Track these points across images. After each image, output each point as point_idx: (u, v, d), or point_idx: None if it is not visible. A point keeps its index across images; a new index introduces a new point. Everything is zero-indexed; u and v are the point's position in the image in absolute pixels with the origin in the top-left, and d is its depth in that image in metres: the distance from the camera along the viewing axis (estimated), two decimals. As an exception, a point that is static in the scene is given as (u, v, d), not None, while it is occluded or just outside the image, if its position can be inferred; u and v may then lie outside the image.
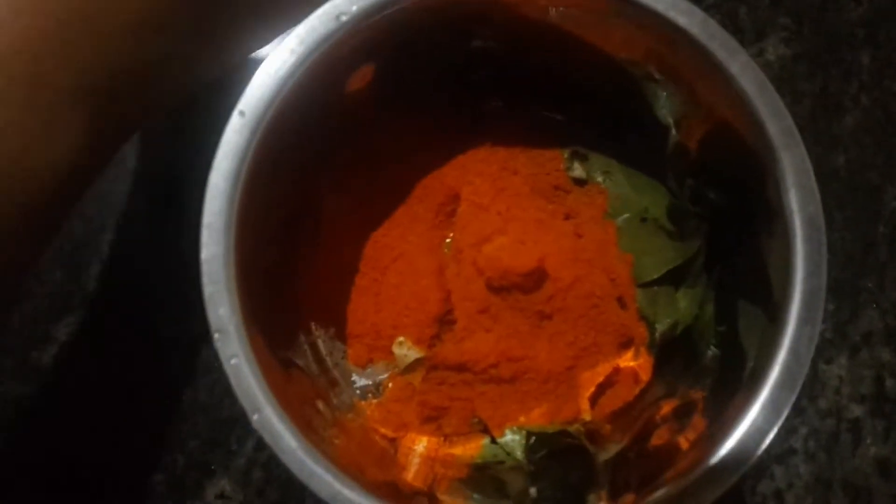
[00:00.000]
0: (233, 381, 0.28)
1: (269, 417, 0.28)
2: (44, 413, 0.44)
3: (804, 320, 0.29)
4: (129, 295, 0.45)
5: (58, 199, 0.30)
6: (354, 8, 0.29)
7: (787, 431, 0.44)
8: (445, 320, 0.38)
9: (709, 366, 0.37)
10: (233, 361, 0.28)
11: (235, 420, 0.44)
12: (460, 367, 0.37)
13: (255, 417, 0.28)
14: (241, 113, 0.29)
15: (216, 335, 0.28)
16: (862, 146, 0.46)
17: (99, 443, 0.43)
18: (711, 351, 0.37)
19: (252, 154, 0.29)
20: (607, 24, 0.34)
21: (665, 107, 0.37)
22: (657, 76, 0.36)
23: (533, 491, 0.35)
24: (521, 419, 0.37)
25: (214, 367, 0.44)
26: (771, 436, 0.29)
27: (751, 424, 0.29)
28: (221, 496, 0.43)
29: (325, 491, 0.28)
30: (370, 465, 0.35)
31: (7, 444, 0.44)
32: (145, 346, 0.44)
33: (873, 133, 0.46)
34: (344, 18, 0.29)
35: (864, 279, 0.45)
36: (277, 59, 0.29)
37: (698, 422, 0.34)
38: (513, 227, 0.37)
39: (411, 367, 0.39)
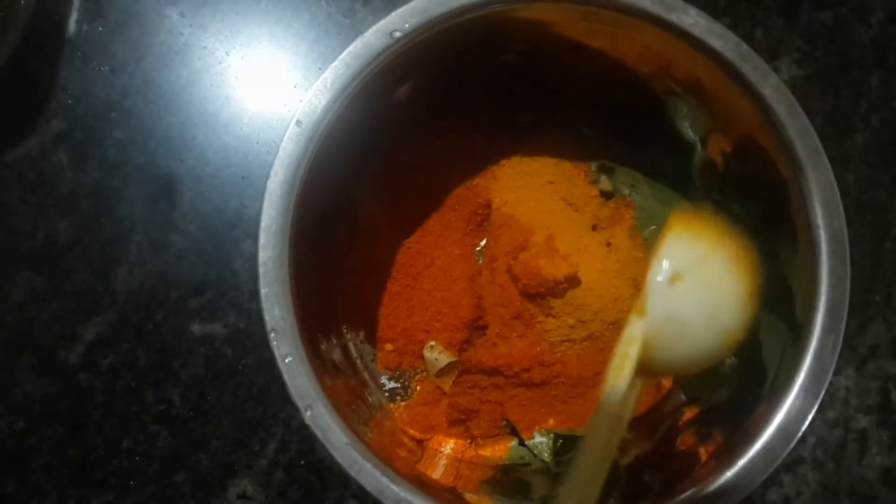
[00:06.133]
0: (287, 378, 0.29)
1: (321, 414, 0.29)
2: (69, 411, 0.44)
3: (828, 329, 0.30)
4: (157, 295, 0.45)
5: None
6: (407, 25, 0.31)
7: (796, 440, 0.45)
8: (476, 326, 0.40)
9: (727, 374, 0.38)
10: (287, 360, 0.29)
11: (258, 422, 0.44)
12: (493, 371, 0.38)
13: (307, 414, 0.29)
14: (298, 123, 0.30)
15: (272, 334, 0.29)
16: (870, 165, 0.48)
17: (123, 441, 0.44)
18: (730, 360, 0.38)
19: (306, 162, 0.30)
20: (633, 40, 0.35)
21: (687, 121, 0.38)
22: (677, 90, 0.37)
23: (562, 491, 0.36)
24: (550, 422, 0.38)
25: (238, 370, 0.45)
26: (796, 440, 0.30)
27: (776, 428, 0.30)
28: (243, 496, 0.44)
29: (373, 485, 0.29)
30: (398, 459, 0.36)
31: (33, 441, 0.44)
32: (171, 347, 0.45)
33: (882, 152, 0.48)
34: (397, 35, 0.31)
35: (871, 293, 0.47)
36: (333, 73, 0.31)
37: (717, 433, 0.35)
38: (546, 236, 0.38)
39: (442, 370, 0.40)
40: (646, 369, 0.28)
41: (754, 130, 0.33)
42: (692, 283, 0.27)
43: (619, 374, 0.28)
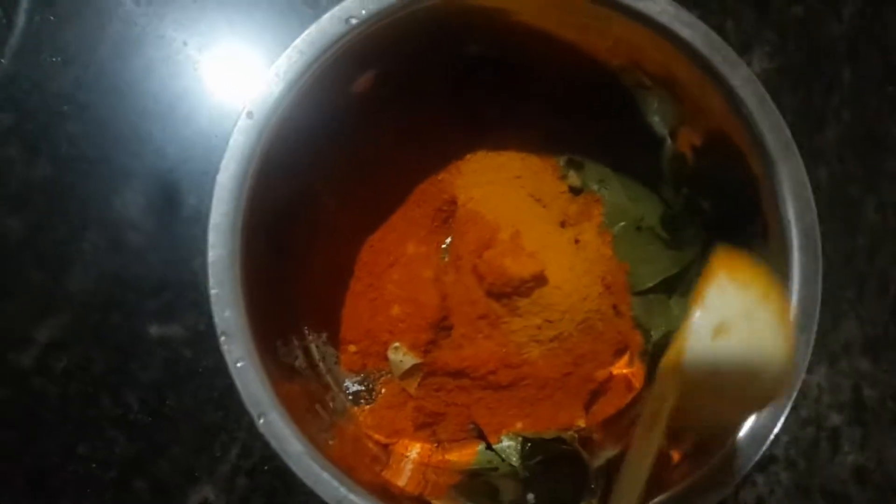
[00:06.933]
0: (239, 384, 0.28)
1: (275, 421, 0.28)
2: (23, 416, 0.43)
3: (801, 327, 0.29)
4: (112, 296, 0.44)
5: None
6: (363, 12, 0.30)
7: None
8: (441, 326, 0.39)
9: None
10: (239, 364, 0.28)
11: (220, 426, 0.43)
12: (458, 374, 0.37)
13: (261, 422, 0.28)
14: (249, 114, 0.29)
15: (222, 337, 0.28)
16: (843, 160, 0.47)
17: (79, 447, 0.43)
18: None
19: (258, 155, 0.29)
20: (602, 31, 0.34)
21: (657, 115, 0.38)
22: (648, 83, 0.36)
23: (531, 497, 0.35)
24: (518, 425, 0.37)
25: (198, 373, 0.44)
26: (769, 441, 0.29)
27: (749, 430, 0.29)
28: (205, 503, 0.43)
29: (331, 496, 0.28)
30: (361, 467, 0.35)
31: (-16, 447, 0.43)
32: (128, 349, 0.44)
33: (854, 147, 0.48)
34: (353, 21, 0.29)
35: (844, 290, 0.46)
36: (286, 61, 0.29)
37: (689, 435, 0.34)
38: (512, 234, 0.37)
39: (407, 373, 0.38)
40: (677, 425, 0.27)
41: (724, 123, 0.32)
42: (738, 337, 0.25)
43: (650, 433, 0.27)
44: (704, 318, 0.26)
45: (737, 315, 0.25)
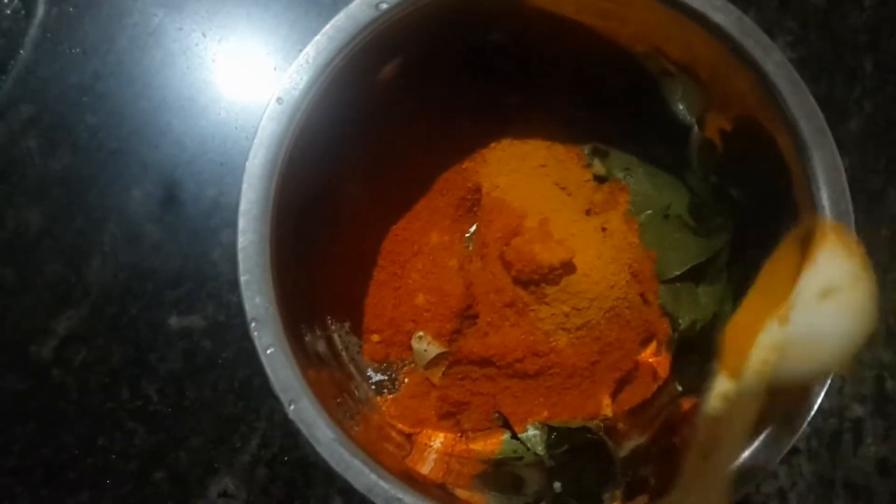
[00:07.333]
0: (269, 370, 0.28)
1: (305, 408, 0.27)
2: (42, 408, 0.43)
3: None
4: (132, 287, 0.44)
5: None
6: (393, -4, 0.29)
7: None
8: (466, 315, 0.38)
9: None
10: (269, 351, 0.27)
11: (240, 417, 0.43)
12: (484, 362, 0.37)
13: (291, 408, 0.27)
14: (279, 100, 0.29)
15: (252, 324, 0.28)
16: (865, 151, 0.47)
17: (99, 439, 0.43)
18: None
19: (287, 142, 0.29)
20: (625, 16, 0.34)
21: (682, 102, 0.37)
22: (671, 69, 0.36)
23: (557, 486, 0.35)
24: (544, 414, 0.37)
25: (218, 364, 0.43)
26: (801, 430, 0.29)
27: (781, 417, 0.29)
28: (225, 494, 0.43)
29: (361, 482, 0.28)
30: (385, 455, 0.35)
31: (2, 441, 0.42)
32: (147, 341, 0.43)
33: (876, 138, 0.47)
34: (383, 7, 0.29)
35: (866, 281, 0.46)
36: (315, 47, 0.29)
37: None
38: (539, 221, 0.37)
39: (431, 362, 0.38)
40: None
41: (754, 109, 0.32)
42: (842, 301, 0.25)
43: (760, 377, 0.26)
44: (813, 280, 0.26)
45: (844, 280, 0.26)
